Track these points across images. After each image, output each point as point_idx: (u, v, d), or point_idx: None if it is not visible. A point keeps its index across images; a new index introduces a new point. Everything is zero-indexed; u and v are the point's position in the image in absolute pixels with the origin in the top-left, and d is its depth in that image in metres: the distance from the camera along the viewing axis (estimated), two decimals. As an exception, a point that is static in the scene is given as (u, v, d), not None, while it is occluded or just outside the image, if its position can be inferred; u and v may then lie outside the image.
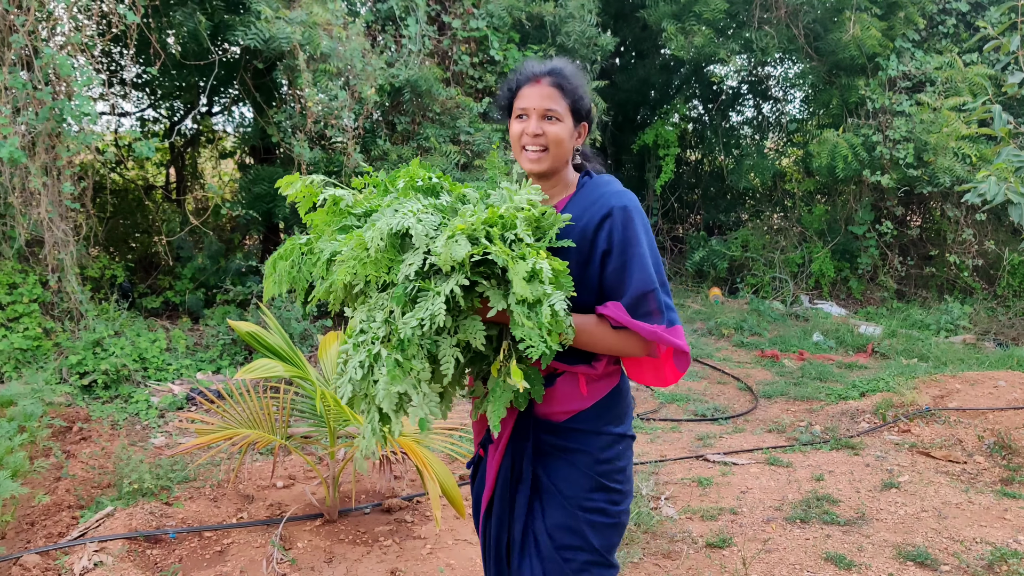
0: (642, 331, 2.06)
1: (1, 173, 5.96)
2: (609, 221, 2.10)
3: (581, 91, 2.24)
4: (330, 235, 2.09)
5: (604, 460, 2.22)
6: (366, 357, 1.92)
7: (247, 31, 6.60)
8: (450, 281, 1.83)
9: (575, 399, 2.21)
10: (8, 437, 4.56)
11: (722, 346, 8.16)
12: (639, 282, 2.08)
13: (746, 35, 9.47)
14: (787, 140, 11.90)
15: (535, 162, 2.19)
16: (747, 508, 4.45)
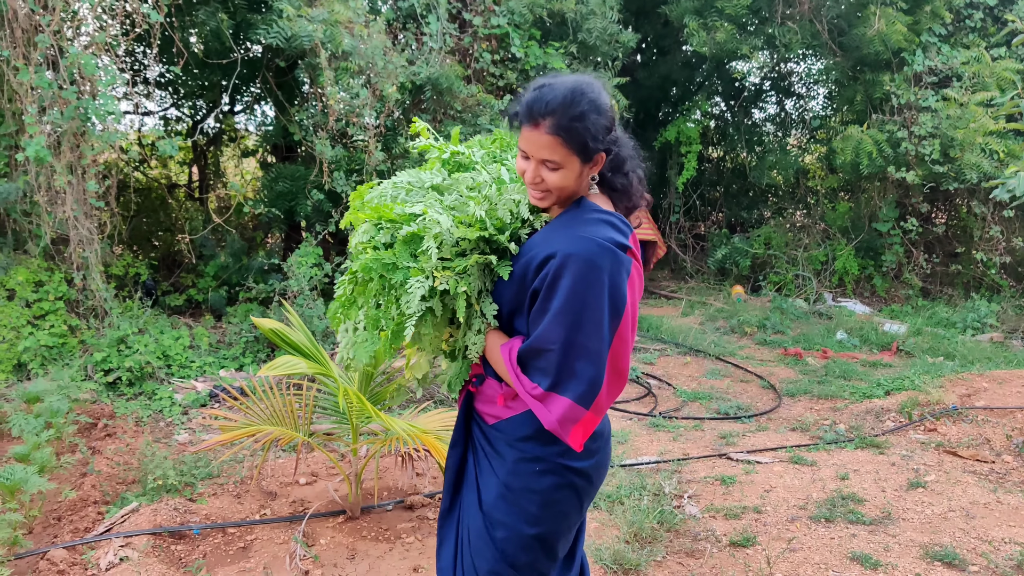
0: (513, 381, 2.04)
1: (27, 172, 6.01)
2: (551, 263, 1.96)
3: (591, 132, 1.98)
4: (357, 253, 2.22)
5: (518, 473, 2.13)
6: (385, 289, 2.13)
7: (269, 29, 6.62)
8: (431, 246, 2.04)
9: (495, 406, 2.20)
10: (35, 433, 4.60)
11: (745, 344, 8.10)
12: (540, 336, 1.97)
13: (769, 31, 9.40)
14: (810, 137, 11.80)
15: (539, 200, 2.09)
16: (771, 507, 4.42)
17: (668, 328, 8.38)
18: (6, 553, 3.59)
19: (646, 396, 6.50)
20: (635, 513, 4.20)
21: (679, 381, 6.88)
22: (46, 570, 3.57)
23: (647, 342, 8.03)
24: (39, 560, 3.68)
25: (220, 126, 10.70)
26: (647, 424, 5.84)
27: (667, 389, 6.69)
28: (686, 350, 7.80)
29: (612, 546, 3.94)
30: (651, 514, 4.20)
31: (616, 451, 5.20)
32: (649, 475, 4.81)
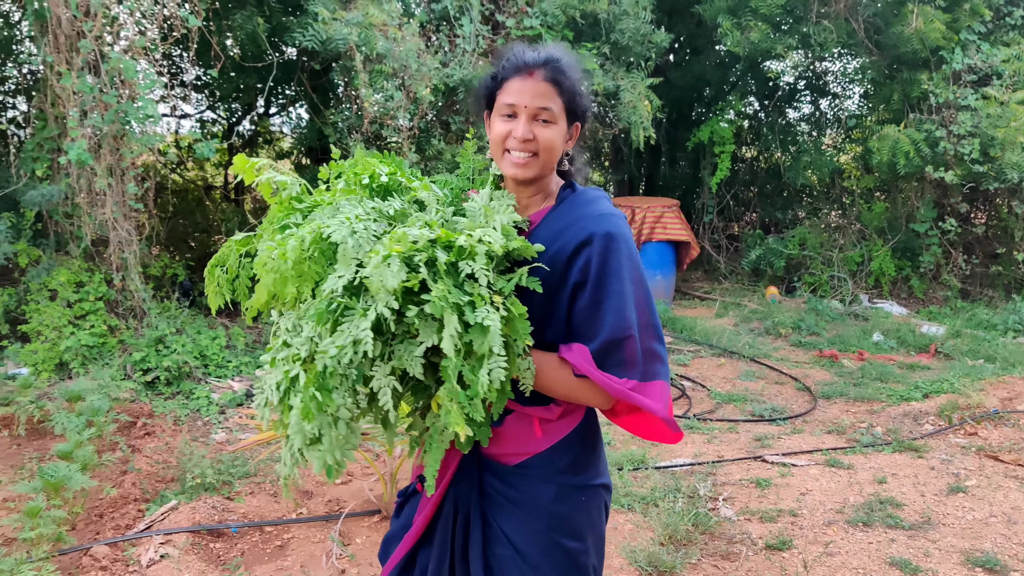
0: (606, 386, 1.75)
1: (69, 175, 6.12)
2: (588, 249, 1.77)
3: (579, 86, 1.89)
4: (271, 234, 1.78)
5: (557, 513, 1.89)
6: (283, 378, 1.64)
7: (304, 33, 6.68)
8: (378, 302, 1.55)
9: (528, 440, 1.89)
10: (77, 431, 4.69)
11: (779, 346, 8.04)
12: (613, 326, 1.75)
13: (803, 30, 9.31)
14: (845, 136, 11.68)
15: (523, 167, 1.84)
16: (807, 510, 4.38)
17: (702, 329, 8.33)
18: (51, 549, 3.66)
19: (680, 398, 6.47)
20: (670, 515, 4.19)
21: (713, 383, 6.84)
22: (89, 566, 3.64)
23: (680, 343, 8.00)
24: (82, 556, 3.75)
25: (255, 128, 10.82)
26: (681, 426, 5.81)
27: (701, 391, 6.66)
28: (720, 351, 7.76)
29: (647, 548, 3.93)
30: (686, 516, 4.18)
31: (650, 453, 5.19)
32: (683, 477, 4.79)
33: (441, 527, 1.95)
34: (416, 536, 1.98)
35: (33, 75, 7.51)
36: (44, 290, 6.30)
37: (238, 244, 1.88)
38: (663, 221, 9.16)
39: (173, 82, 8.87)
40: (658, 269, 9.21)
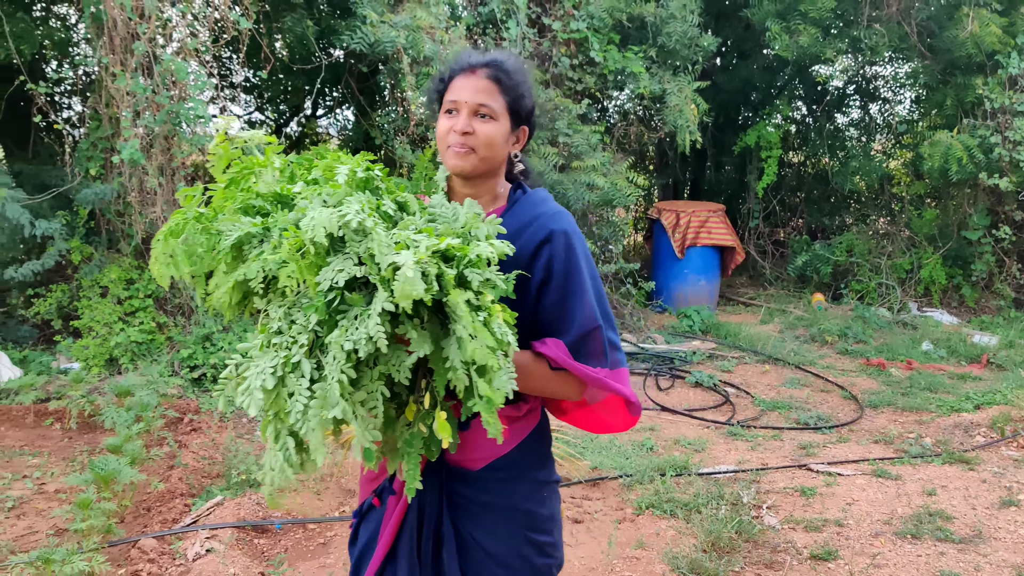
0: (586, 377, 1.83)
1: (121, 173, 6.24)
2: (548, 247, 1.84)
3: (523, 88, 1.94)
4: (231, 215, 1.71)
5: (529, 511, 1.95)
6: (282, 363, 1.56)
7: (353, 35, 6.74)
8: (377, 301, 1.52)
9: (492, 444, 1.86)
10: (126, 426, 4.77)
11: (825, 353, 7.93)
12: (583, 319, 1.83)
13: (854, 33, 9.18)
14: (896, 142, 11.49)
15: (460, 157, 1.88)
16: (853, 520, 4.31)
17: (746, 335, 8.25)
18: (101, 540, 3.73)
19: (723, 404, 6.41)
20: (713, 522, 4.15)
21: (757, 390, 6.77)
22: (137, 558, 3.70)
23: (724, 349, 7.92)
24: (130, 548, 3.81)
25: (302, 130, 10.94)
26: (724, 433, 5.76)
27: (745, 398, 6.59)
28: (765, 358, 7.67)
29: (689, 555, 3.90)
30: (729, 523, 4.14)
31: (693, 459, 5.15)
32: (727, 484, 4.74)
33: (406, 540, 1.94)
34: (384, 553, 1.96)
35: (88, 76, 7.67)
36: (96, 287, 6.43)
37: (194, 218, 1.76)
38: (708, 226, 9.09)
39: (223, 83, 9.00)
40: (702, 274, 9.14)
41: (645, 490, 4.64)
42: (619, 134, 9.31)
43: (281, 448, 1.59)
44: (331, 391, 1.51)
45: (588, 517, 4.35)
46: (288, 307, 1.62)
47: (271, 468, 1.60)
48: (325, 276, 1.54)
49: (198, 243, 1.74)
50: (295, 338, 1.57)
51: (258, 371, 1.55)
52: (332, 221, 1.53)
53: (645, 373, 7.08)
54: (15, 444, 5.18)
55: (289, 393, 1.54)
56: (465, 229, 1.72)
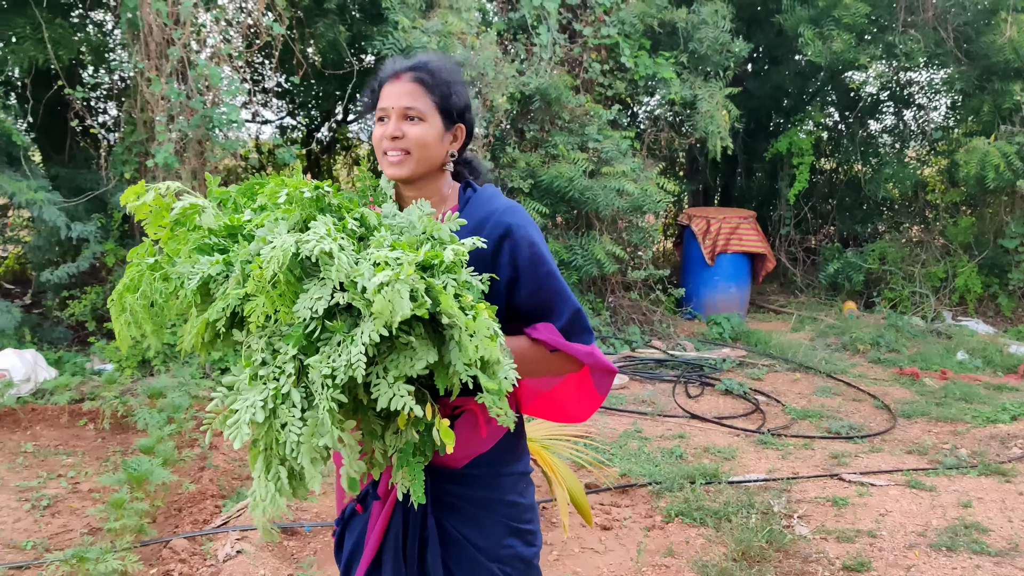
0: (581, 355, 1.91)
1: (156, 177, 6.31)
2: (508, 243, 1.88)
3: (452, 87, 1.96)
4: (187, 256, 1.67)
5: (512, 503, 2.03)
6: (271, 395, 1.54)
7: (385, 41, 6.78)
8: (365, 328, 1.50)
9: (474, 442, 1.95)
10: (159, 427, 4.82)
11: (857, 362, 7.84)
12: (566, 303, 1.91)
13: (889, 39, 9.09)
14: (930, 149, 11.35)
15: (396, 165, 1.92)
16: (887, 532, 4.26)
17: (777, 343, 8.18)
18: (133, 540, 3.77)
19: (753, 412, 6.36)
20: (743, 531, 4.11)
21: (788, 398, 6.70)
22: (169, 558, 3.73)
23: (755, 357, 7.86)
24: (162, 548, 3.84)
25: (333, 135, 11.02)
26: (755, 441, 5.71)
27: (775, 406, 6.53)
28: (795, 366, 7.60)
29: (719, 563, 3.86)
30: (759, 533, 4.10)
31: (723, 467, 5.10)
32: (757, 493, 4.70)
33: (391, 544, 1.96)
34: (371, 558, 1.98)
35: (123, 81, 7.77)
36: (130, 289, 6.50)
37: (148, 269, 1.71)
38: (739, 232, 9.03)
39: (255, 89, 9.09)
40: (733, 281, 9.07)
41: (675, 498, 4.61)
42: (649, 140, 9.28)
43: (273, 478, 1.58)
44: (323, 420, 1.51)
45: (617, 524, 4.32)
46: (268, 337, 1.61)
47: (261, 499, 1.59)
48: (303, 305, 1.54)
49: (156, 292, 1.70)
50: (281, 368, 1.56)
51: (247, 404, 1.53)
52: (290, 249, 1.50)
53: (674, 380, 7.04)
54: (50, 443, 5.25)
55: (282, 424, 1.53)
56: (427, 233, 1.73)
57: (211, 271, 1.62)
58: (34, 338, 6.60)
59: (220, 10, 6.46)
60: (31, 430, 5.45)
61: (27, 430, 5.45)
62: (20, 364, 5.83)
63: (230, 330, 1.68)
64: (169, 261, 1.70)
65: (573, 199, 7.60)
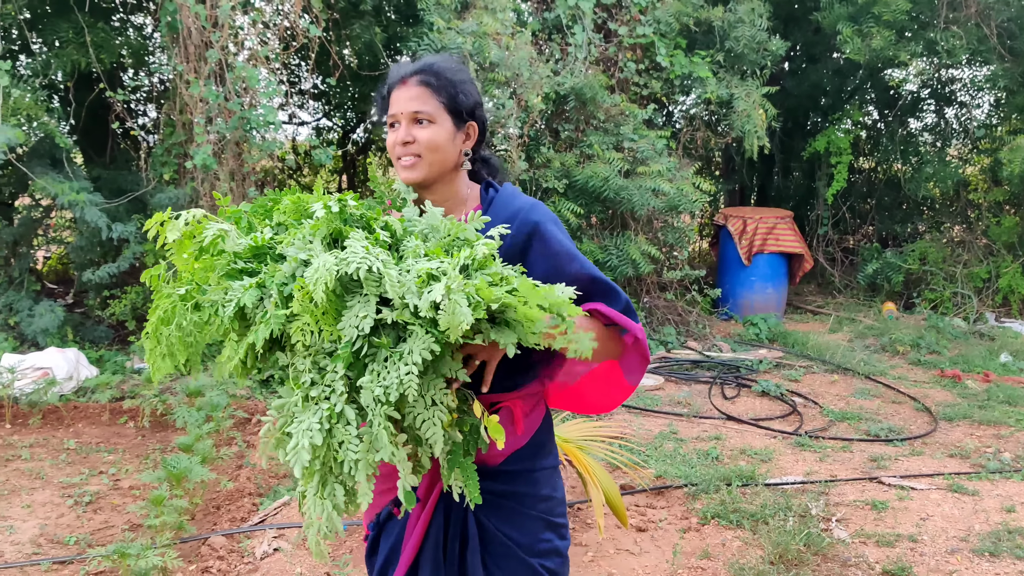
0: (632, 328, 1.90)
1: (194, 178, 6.40)
2: (537, 239, 1.91)
3: (460, 86, 1.96)
4: (216, 283, 1.66)
5: (546, 497, 2.05)
6: (326, 415, 1.54)
7: (420, 42, 6.80)
8: (415, 345, 1.50)
9: (510, 439, 1.95)
10: (197, 425, 4.88)
11: (896, 364, 7.72)
12: (612, 283, 1.92)
13: (930, 36, 8.94)
14: (973, 147, 11.15)
15: (409, 169, 1.93)
16: (928, 536, 4.19)
17: (814, 344, 8.08)
18: (173, 537, 3.82)
19: (791, 414, 6.29)
20: (780, 534, 4.07)
21: (826, 400, 6.62)
22: (207, 555, 3.77)
23: (792, 358, 7.78)
24: (201, 545, 3.89)
25: (369, 136, 11.08)
26: (792, 443, 5.65)
27: (813, 408, 6.45)
28: (833, 368, 7.51)
29: (756, 566, 3.83)
30: (797, 535, 4.05)
31: (760, 469, 5.06)
32: (794, 495, 4.65)
33: (431, 546, 1.96)
34: (410, 561, 1.98)
35: (163, 84, 7.88)
36: (169, 289, 6.58)
37: (181, 299, 1.70)
38: (775, 232, 8.94)
39: (291, 90, 9.17)
40: (769, 281, 8.99)
41: (711, 500, 4.57)
42: (685, 139, 9.22)
43: (328, 496, 1.58)
44: (379, 436, 1.51)
45: (652, 526, 4.30)
46: (313, 356, 1.60)
47: (317, 518, 1.59)
48: (348, 324, 1.53)
49: (191, 323, 1.68)
50: (331, 386, 1.56)
51: (304, 428, 1.53)
52: (333, 268, 1.49)
53: (711, 381, 6.99)
54: (92, 441, 5.34)
55: (339, 443, 1.54)
56: (452, 236, 1.72)
57: (246, 299, 1.59)
58: (76, 337, 6.71)
59: (257, 12, 6.53)
60: (73, 427, 5.55)
61: (70, 427, 5.54)
62: (63, 362, 5.94)
63: (268, 352, 1.67)
64: (198, 290, 1.68)
65: (608, 199, 7.57)
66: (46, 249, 8.41)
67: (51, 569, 3.75)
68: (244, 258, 1.68)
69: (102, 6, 6.97)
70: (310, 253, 1.58)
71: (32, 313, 6.45)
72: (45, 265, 8.81)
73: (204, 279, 1.68)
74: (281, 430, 1.62)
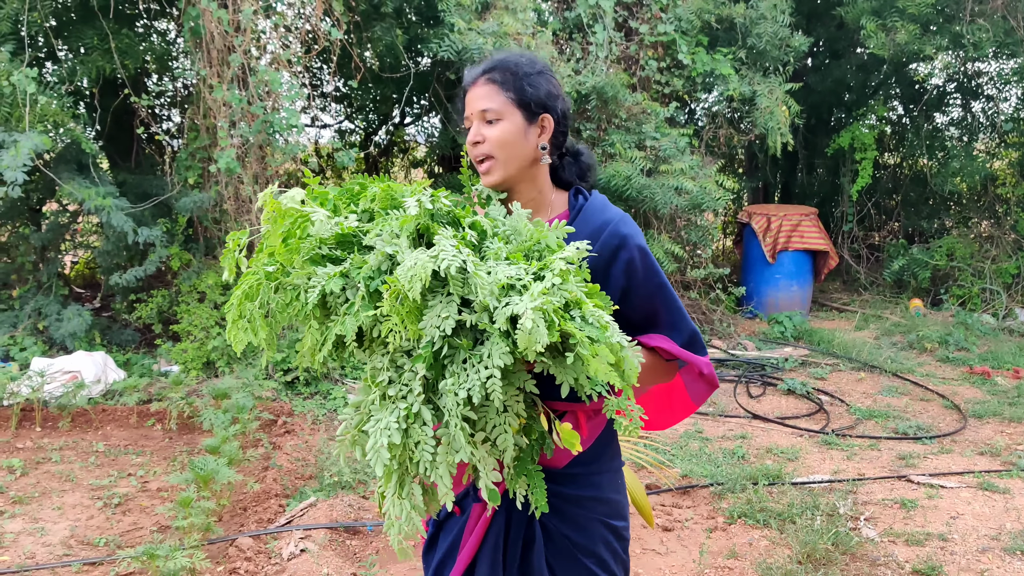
0: (701, 364, 1.93)
1: (218, 182, 6.44)
2: (624, 252, 1.88)
3: (527, 79, 1.91)
4: (301, 267, 1.64)
5: (608, 500, 2.02)
6: (403, 415, 1.54)
7: (441, 43, 6.81)
8: (494, 352, 1.48)
9: None
10: (224, 427, 4.91)
11: (924, 361, 7.64)
12: (684, 321, 1.93)
13: (955, 29, 8.84)
14: (1000, 141, 11.01)
15: (485, 174, 1.91)
16: (958, 535, 4.14)
17: (840, 342, 8.02)
18: (201, 538, 3.84)
19: (817, 412, 6.24)
20: (808, 533, 4.04)
21: (852, 398, 6.56)
22: (235, 556, 3.80)
23: (818, 356, 7.71)
24: (228, 546, 3.91)
25: (391, 138, 11.12)
26: (818, 441, 5.60)
27: (839, 406, 6.40)
28: (860, 365, 7.44)
29: (784, 566, 3.80)
30: (825, 535, 4.02)
31: (786, 468, 5.02)
32: (822, 494, 4.61)
33: (490, 546, 1.96)
34: (469, 560, 1.98)
35: (187, 88, 7.94)
36: (194, 292, 6.64)
37: (265, 278, 1.69)
38: (800, 230, 8.87)
39: (313, 93, 9.21)
40: (794, 279, 8.92)
41: (737, 499, 4.54)
42: (708, 137, 9.17)
43: (407, 496, 1.61)
44: (456, 436, 1.51)
45: (678, 525, 4.28)
46: (391, 355, 1.61)
47: (397, 518, 1.61)
48: (430, 324, 1.52)
49: (273, 302, 1.69)
50: (408, 386, 1.56)
51: (382, 427, 1.54)
52: (429, 266, 1.48)
53: (736, 380, 6.95)
54: (120, 443, 5.39)
55: (415, 443, 1.54)
56: (534, 240, 1.69)
57: (330, 285, 1.58)
58: (103, 340, 6.78)
59: (279, 16, 6.56)
60: (102, 430, 5.60)
61: (98, 430, 5.60)
62: (91, 366, 6.00)
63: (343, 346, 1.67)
64: (282, 271, 1.68)
65: (631, 198, 7.54)
66: (73, 254, 8.50)
67: (82, 570, 3.79)
68: (328, 244, 1.67)
69: (126, 13, 7.04)
70: (396, 248, 1.58)
71: (60, 317, 6.52)
72: (72, 270, 8.90)
73: (288, 261, 1.67)
74: (357, 428, 1.64)
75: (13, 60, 5.88)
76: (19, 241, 7.14)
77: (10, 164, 5.50)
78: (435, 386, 1.56)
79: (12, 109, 5.89)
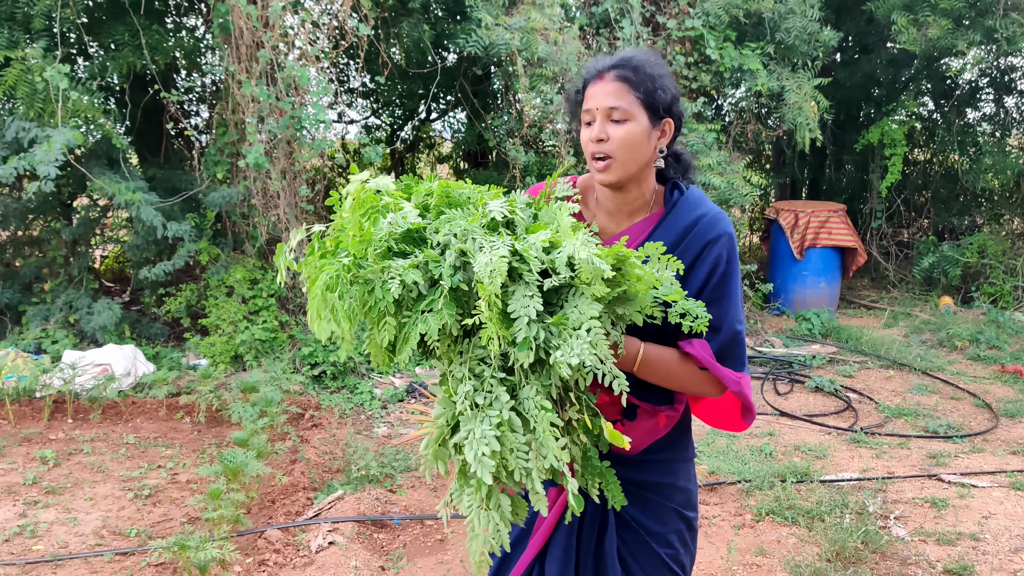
0: (728, 381, 1.86)
1: (247, 177, 6.48)
2: (714, 248, 1.87)
3: (658, 81, 1.88)
4: (376, 260, 1.62)
5: (682, 489, 2.05)
6: (497, 423, 1.52)
7: (468, 39, 6.81)
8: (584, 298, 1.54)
9: (653, 431, 1.98)
10: (252, 420, 4.94)
11: (955, 359, 7.55)
12: (732, 321, 1.88)
13: (988, 24, 8.72)
14: (1033, 137, 10.87)
15: (602, 172, 1.88)
16: (991, 535, 4.09)
17: (869, 340, 7.94)
18: (230, 530, 3.88)
19: (845, 410, 6.18)
20: (837, 531, 4.01)
21: (881, 396, 6.50)
22: (263, 548, 3.82)
23: (846, 354, 7.65)
24: (257, 538, 3.94)
25: (417, 133, 11.14)
26: (847, 439, 5.56)
27: (868, 404, 6.34)
28: (889, 363, 7.37)
29: (812, 564, 3.77)
30: (854, 533, 3.99)
31: (814, 466, 4.98)
32: (851, 492, 4.57)
33: (563, 532, 1.97)
34: (541, 543, 1.99)
35: (215, 84, 8.00)
36: (222, 287, 6.69)
37: (344, 270, 1.65)
38: (828, 226, 8.80)
39: (340, 89, 9.25)
40: (822, 276, 8.85)
41: (765, 496, 4.52)
42: (735, 132, 9.11)
43: (494, 507, 1.58)
44: (546, 441, 1.51)
45: (706, 522, 4.26)
46: (469, 363, 1.60)
47: (482, 531, 1.58)
48: (519, 307, 1.52)
49: (351, 295, 1.65)
50: (493, 393, 1.55)
51: (478, 436, 1.51)
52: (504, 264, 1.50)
53: (763, 377, 6.90)
54: (150, 435, 5.45)
55: (509, 450, 1.53)
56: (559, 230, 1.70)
57: (409, 277, 1.56)
58: (133, 334, 6.85)
59: (307, 12, 6.59)
60: (132, 422, 5.66)
61: (128, 422, 5.66)
62: (121, 359, 6.07)
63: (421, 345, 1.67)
64: (355, 263, 1.65)
65: (657, 194, 7.51)
66: (103, 248, 8.59)
67: (114, 560, 3.83)
68: (397, 239, 1.66)
69: (156, 9, 7.10)
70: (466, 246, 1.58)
71: (91, 311, 6.59)
72: (103, 264, 9.00)
73: (362, 253, 1.65)
74: (437, 442, 1.63)
75: (46, 56, 5.94)
76: (51, 235, 7.23)
77: (43, 159, 5.56)
78: (516, 393, 1.56)
79: (45, 105, 5.96)
